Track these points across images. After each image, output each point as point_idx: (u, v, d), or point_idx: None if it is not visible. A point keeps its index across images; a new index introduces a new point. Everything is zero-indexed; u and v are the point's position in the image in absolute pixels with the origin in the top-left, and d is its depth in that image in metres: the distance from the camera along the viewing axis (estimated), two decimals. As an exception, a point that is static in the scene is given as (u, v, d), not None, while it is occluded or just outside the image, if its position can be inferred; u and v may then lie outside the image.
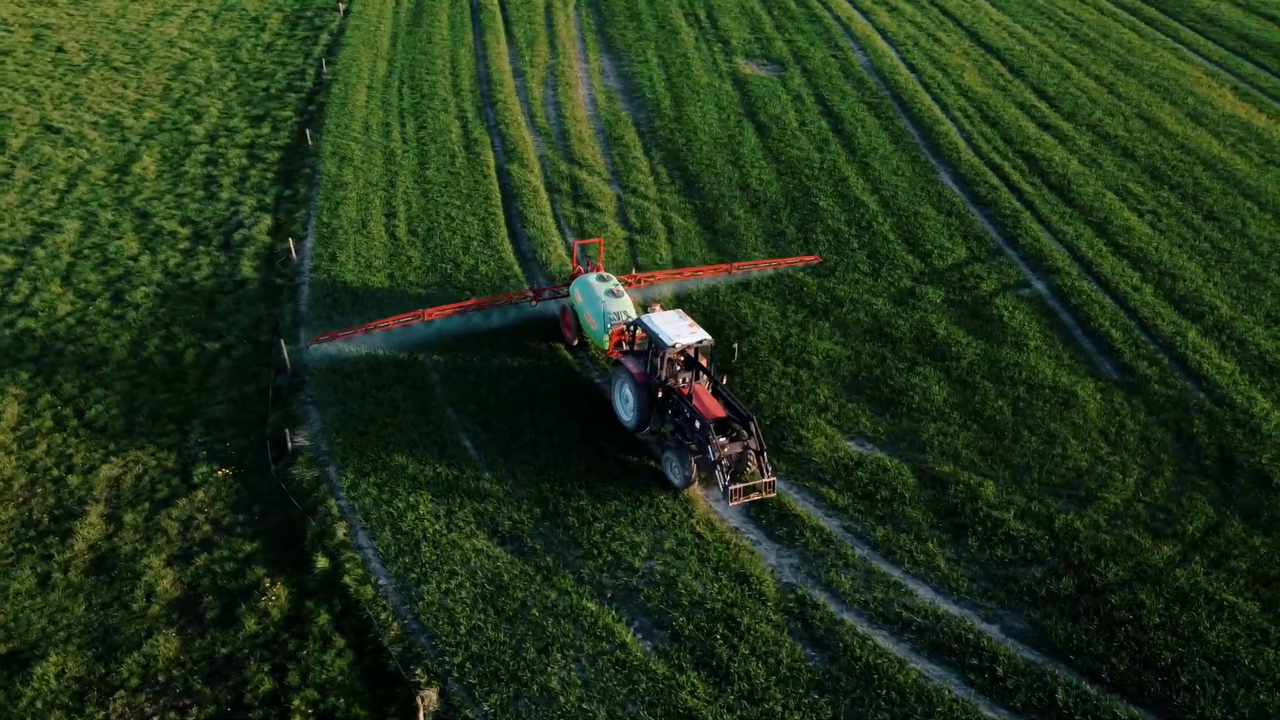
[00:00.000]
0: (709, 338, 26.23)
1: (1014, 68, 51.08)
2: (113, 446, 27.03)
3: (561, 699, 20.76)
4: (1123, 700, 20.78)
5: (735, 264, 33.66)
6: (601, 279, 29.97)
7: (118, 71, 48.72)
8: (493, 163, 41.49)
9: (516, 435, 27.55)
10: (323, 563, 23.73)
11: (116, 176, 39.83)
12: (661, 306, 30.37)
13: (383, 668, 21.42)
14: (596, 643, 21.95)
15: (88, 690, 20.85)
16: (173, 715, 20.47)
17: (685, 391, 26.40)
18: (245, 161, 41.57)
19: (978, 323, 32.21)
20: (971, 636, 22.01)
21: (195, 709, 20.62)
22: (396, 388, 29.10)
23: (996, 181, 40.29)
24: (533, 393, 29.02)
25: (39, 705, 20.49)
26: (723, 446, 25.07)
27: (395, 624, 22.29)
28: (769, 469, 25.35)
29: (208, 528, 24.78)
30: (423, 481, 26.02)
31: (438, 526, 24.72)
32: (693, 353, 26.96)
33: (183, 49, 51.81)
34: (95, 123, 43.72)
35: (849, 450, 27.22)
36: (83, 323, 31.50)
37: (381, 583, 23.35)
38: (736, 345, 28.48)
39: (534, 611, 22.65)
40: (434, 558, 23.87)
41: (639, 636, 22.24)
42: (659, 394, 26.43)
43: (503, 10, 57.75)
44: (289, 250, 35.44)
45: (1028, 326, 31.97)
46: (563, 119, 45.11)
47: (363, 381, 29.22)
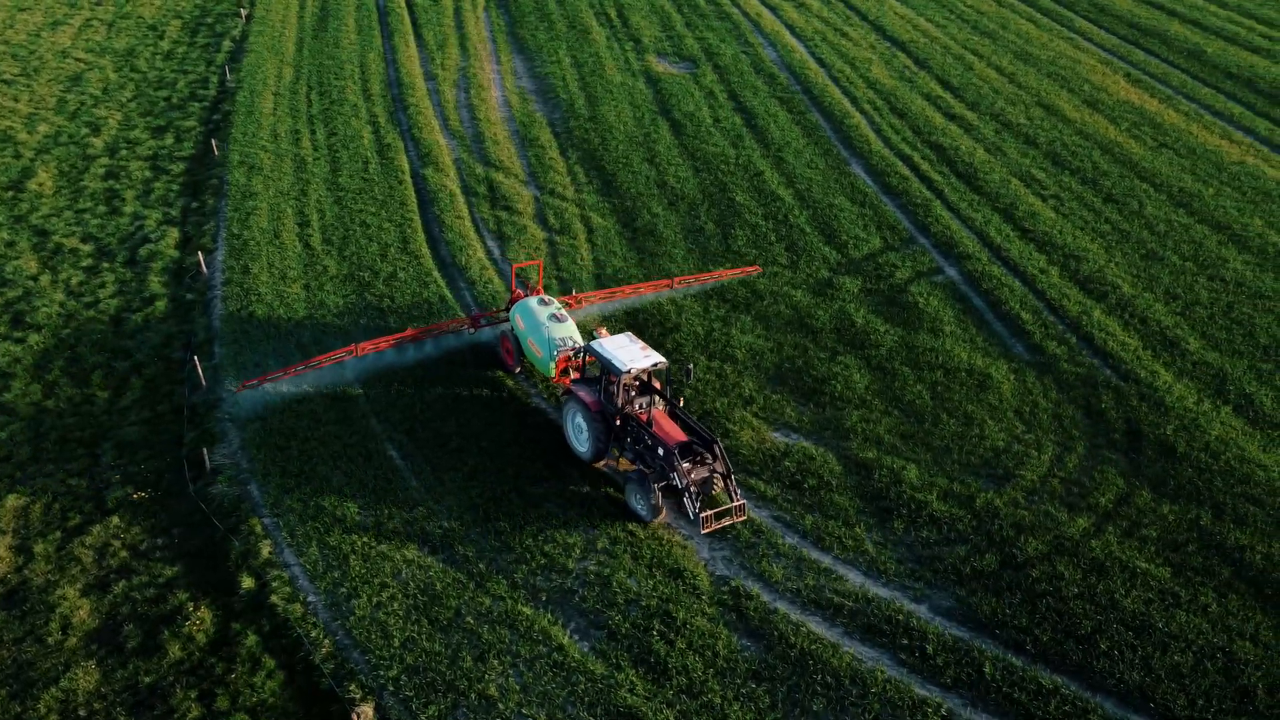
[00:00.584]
0: (664, 360, 25.37)
1: (919, 60, 52.30)
2: (19, 475, 25.97)
3: (501, 705, 20.64)
4: (1046, 669, 21.48)
5: (676, 279, 32.96)
6: (543, 303, 28.83)
7: (7, 85, 46.75)
8: (407, 167, 40.95)
9: (443, 442, 27.26)
10: (248, 583, 23.17)
11: (11, 194, 38.24)
12: (608, 330, 29.46)
13: (315, 686, 21.00)
14: (533, 646, 21.87)
15: (3, 730, 20.02)
16: (96, 749, 19.78)
17: (644, 418, 25.29)
18: (148, 174, 40.30)
19: (894, 310, 32.93)
20: (901, 617, 22.51)
21: (120, 741, 19.95)
22: (317, 400, 28.53)
23: (907, 171, 41.22)
24: (457, 398, 28.75)
25: (-49, 749, 19.61)
26: (689, 472, 24.20)
27: (326, 641, 21.88)
28: (738, 492, 24.72)
29: (125, 554, 23.97)
30: (349, 494, 25.58)
31: (366, 539, 24.33)
32: (647, 377, 26.00)
33: (77, 59, 49.95)
34: (-15, 138, 41.91)
35: (775, 441, 27.58)
36: (-19, 347, 30.19)
37: (310, 600, 22.89)
38: (692, 366, 27.54)
39: (469, 619, 22.45)
40: (364, 571, 23.49)
41: (576, 637, 22.22)
42: (617, 422, 25.42)
43: (411, 13, 57.01)
44: (198, 264, 34.47)
45: (942, 312, 32.79)
46: (477, 121, 44.75)
47: (281, 395, 28.58)
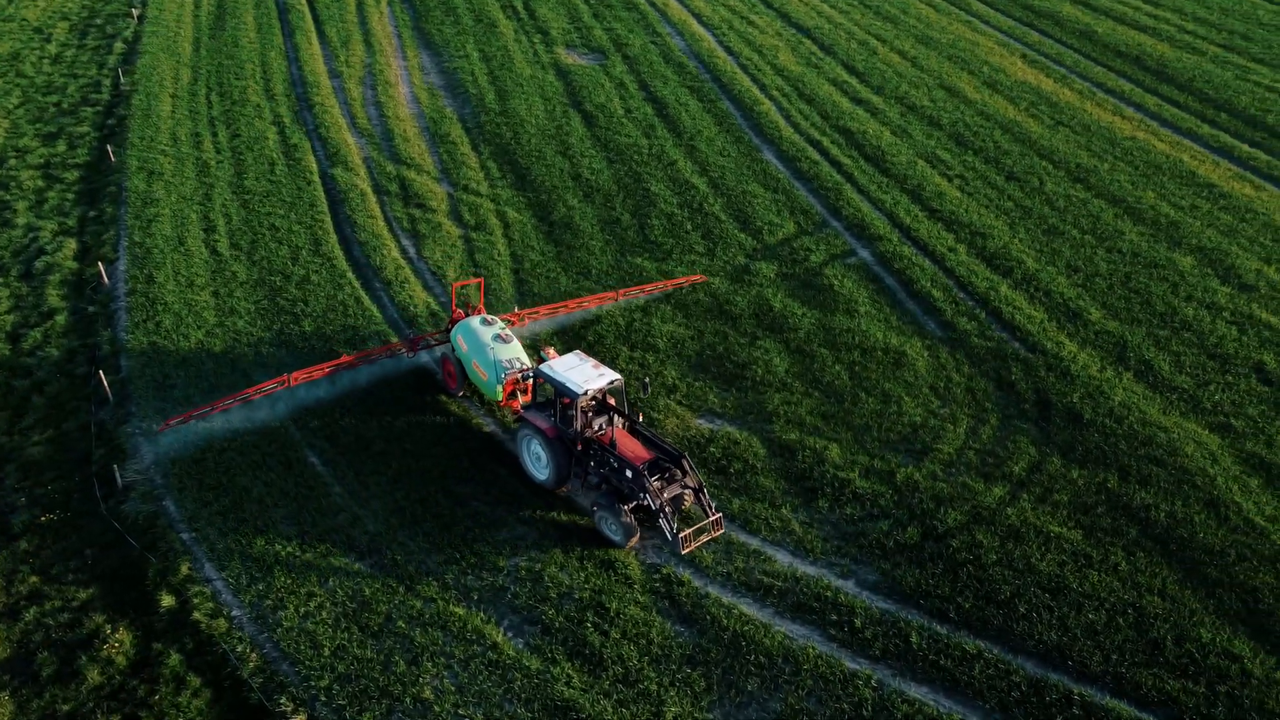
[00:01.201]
0: (619, 377, 24.50)
1: (824, 46, 53.12)
2: (-85, 503, 24.80)
3: (436, 708, 20.48)
4: (970, 635, 22.16)
5: (621, 290, 32.11)
6: (486, 322, 27.71)
7: (-119, 93, 44.39)
8: (315, 168, 40.11)
9: (365, 446, 26.86)
10: (168, 601, 22.52)
11: (-109, 208, 36.36)
12: (556, 349, 28.55)
13: (245, 701, 20.55)
14: (467, 646, 21.74)
15: (-88, 770, 19.15)
16: (14, 783, 19.07)
17: (606, 439, 24.43)
18: (41, 183, 38.70)
19: (810, 293, 33.48)
20: (829, 594, 22.98)
21: (39, 773, 19.25)
22: (233, 411, 27.81)
23: (817, 156, 41.88)
24: (378, 400, 28.33)
25: None
26: (661, 491, 23.45)
27: (254, 655, 21.42)
28: (712, 505, 24.05)
29: (35, 579, 23.08)
30: (270, 504, 25.03)
31: (291, 548, 23.86)
32: (603, 395, 25.15)
33: (-44, 65, 47.64)
34: None
35: (700, 427, 27.84)
36: None
37: (235, 614, 22.37)
38: (648, 380, 26.94)
39: (400, 623, 22.21)
40: (289, 581, 23.04)
41: (510, 635, 22.16)
42: (578, 447, 24.54)
43: (312, 10, 55.73)
44: (99, 275, 33.26)
45: (857, 293, 33.45)
46: (385, 119, 44.03)
47: (194, 406, 27.79)
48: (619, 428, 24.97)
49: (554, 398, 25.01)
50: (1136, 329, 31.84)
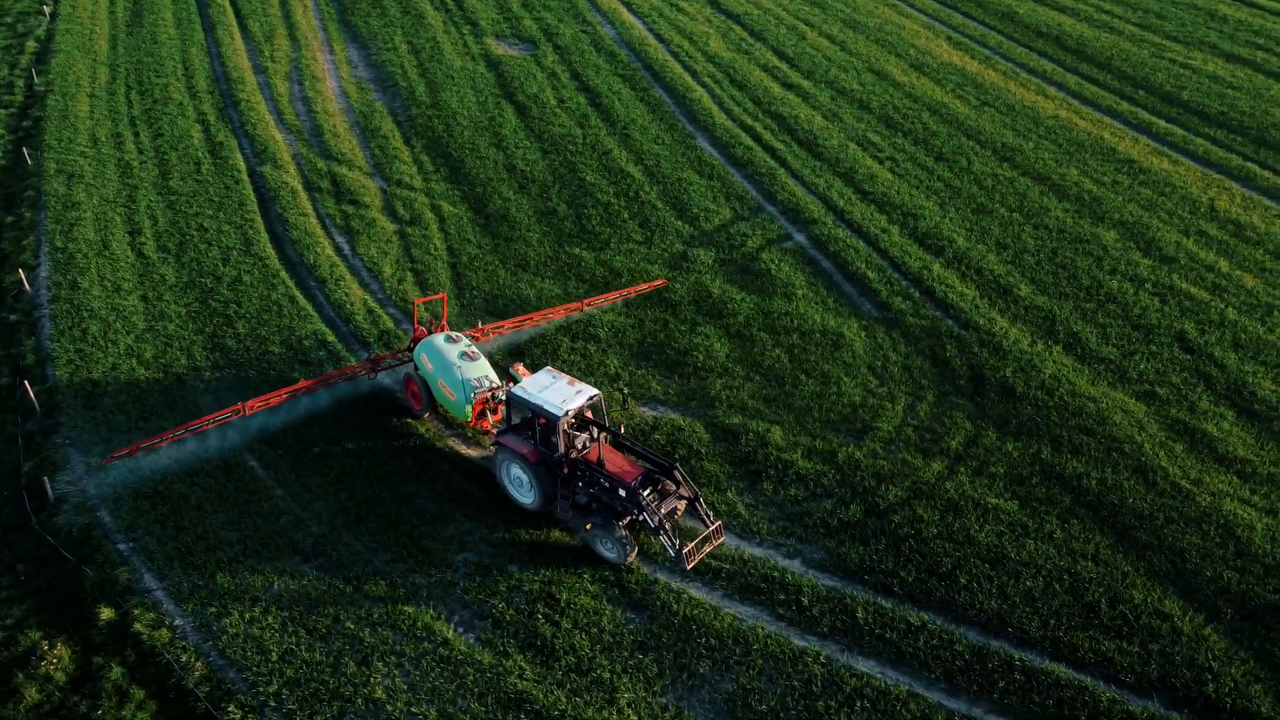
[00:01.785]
0: (597, 392, 23.80)
1: (754, 32, 53.42)
2: None
3: (389, 707, 20.37)
4: (914, 608, 22.67)
5: (586, 300, 31.37)
6: (450, 340, 26.60)
7: None
8: (243, 166, 39.29)
9: (306, 448, 26.49)
10: (107, 613, 22.03)
11: None
12: (524, 366, 27.39)
13: (192, 712, 20.22)
14: (418, 644, 21.64)
15: None
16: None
17: (593, 457, 23.52)
18: (-47, 189, 37.33)
19: (748, 278, 33.78)
20: (776, 574, 23.30)
21: (-22, 796, 18.75)
22: (166, 415, 27.24)
23: (750, 142, 42.18)
24: (315, 400, 27.93)
25: None
26: (658, 508, 22.81)
27: (199, 664, 21.07)
28: (710, 514, 23.50)
29: (-35, 597, 22.41)
30: (210, 510, 24.58)
31: (233, 554, 23.48)
32: (583, 412, 24.18)
33: None
34: None
35: (644, 415, 27.98)
36: None
37: (178, 623, 21.97)
38: (626, 390, 26.64)
39: (349, 624, 22.01)
40: (233, 587, 22.68)
41: (460, 630, 22.10)
42: (564, 469, 23.67)
43: (233, 4, 54.42)
44: (20, 282, 32.23)
45: (793, 277, 33.83)
46: (314, 114, 43.28)
47: (127, 415, 27.16)
48: (603, 443, 24.05)
49: (531, 419, 23.92)
50: (1064, 303, 32.71)
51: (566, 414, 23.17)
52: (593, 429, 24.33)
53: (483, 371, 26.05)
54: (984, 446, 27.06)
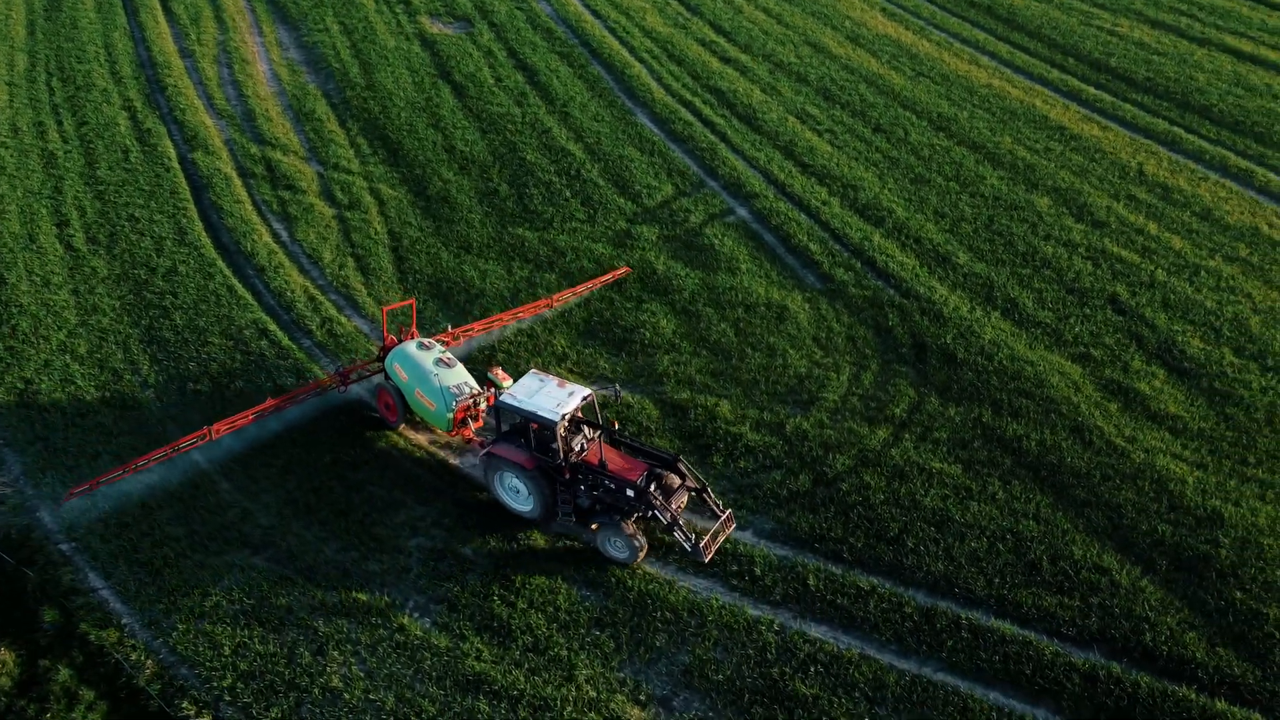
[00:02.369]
0: (589, 390, 23.20)
1: (690, 6, 53.28)
2: None
3: (347, 695, 20.31)
4: (863, 573, 23.13)
5: (554, 296, 30.64)
6: (423, 347, 25.74)
7: None
8: (173, 153, 38.34)
9: (251, 439, 26.08)
10: (51, 615, 21.61)
11: None
12: (502, 369, 26.55)
13: (145, 710, 19.97)
14: (373, 631, 21.58)
15: None
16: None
17: (594, 459, 22.86)
18: None
19: (692, 254, 33.91)
20: (728, 545, 23.60)
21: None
22: (105, 412, 26.68)
23: (690, 117, 42.19)
24: (259, 391, 27.54)
25: None
26: (669, 504, 22.44)
27: (150, 661, 20.80)
28: (719, 504, 23.41)
29: (-99, 605, 21.81)
30: (154, 505, 24.17)
31: (180, 549, 23.15)
32: (577, 413, 23.54)
33: None
34: None
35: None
36: None
37: (126, 622, 21.64)
38: (617, 385, 26.26)
39: (302, 614, 21.86)
40: (181, 583, 22.38)
41: (416, 615, 22.07)
42: (565, 474, 22.94)
43: (155, -15, 52.82)
44: (-56, 279, 31.23)
45: (737, 251, 34.04)
46: (245, 98, 42.32)
47: (63, 413, 26.53)
48: (600, 441, 23.37)
49: (523, 426, 23.19)
50: (1001, 269, 33.37)
51: (563, 419, 22.39)
52: (588, 429, 23.67)
53: (461, 378, 25.29)
54: (927, 413, 27.59)
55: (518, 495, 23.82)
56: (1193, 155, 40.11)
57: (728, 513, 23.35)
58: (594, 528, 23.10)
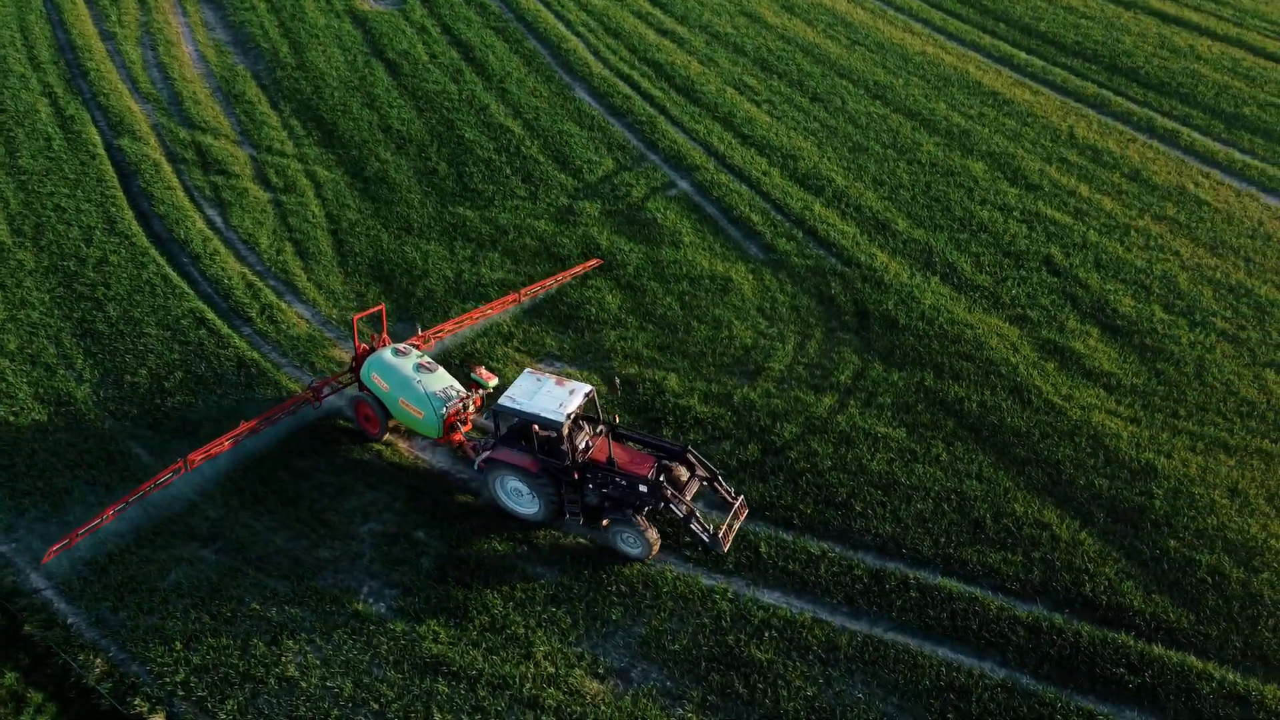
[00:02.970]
0: (590, 387, 22.60)
1: (625, -22, 52.86)
2: None
3: (303, 683, 20.20)
4: (814, 538, 23.53)
5: (523, 290, 29.84)
6: (399, 353, 24.85)
7: None
8: (99, 140, 37.23)
9: (192, 430, 25.66)
10: (-6, 618, 21.14)
11: None
12: (485, 369, 25.94)
13: (96, 710, 19.67)
14: (328, 618, 21.46)
15: None
16: None
17: (602, 457, 22.40)
18: None
19: (635, 228, 33.90)
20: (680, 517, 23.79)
21: None
22: (37, 408, 26.01)
23: (629, 91, 42.02)
24: (200, 378, 27.07)
25: None
26: (684, 496, 22.16)
27: (99, 660, 20.46)
28: (731, 490, 23.28)
29: None
30: (94, 502, 23.67)
31: (124, 545, 22.72)
32: (580, 412, 23.00)
33: None
34: None
35: (540, 371, 27.94)
36: None
37: (72, 621, 21.25)
38: (617, 376, 25.85)
39: (254, 605, 21.65)
40: (127, 579, 22.00)
41: (370, 600, 21.99)
42: (573, 475, 22.41)
43: (71, -35, 50.97)
44: None
45: (680, 224, 34.11)
46: (171, 81, 41.17)
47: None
48: (603, 438, 22.92)
49: (523, 428, 22.70)
50: (939, 234, 33.89)
51: (568, 419, 21.82)
52: (585, 422, 23.24)
53: (446, 382, 24.53)
54: (871, 379, 28.03)
55: (521, 498, 23.27)
56: (1121, 117, 41.01)
57: (740, 500, 23.11)
58: (605, 525, 22.79)
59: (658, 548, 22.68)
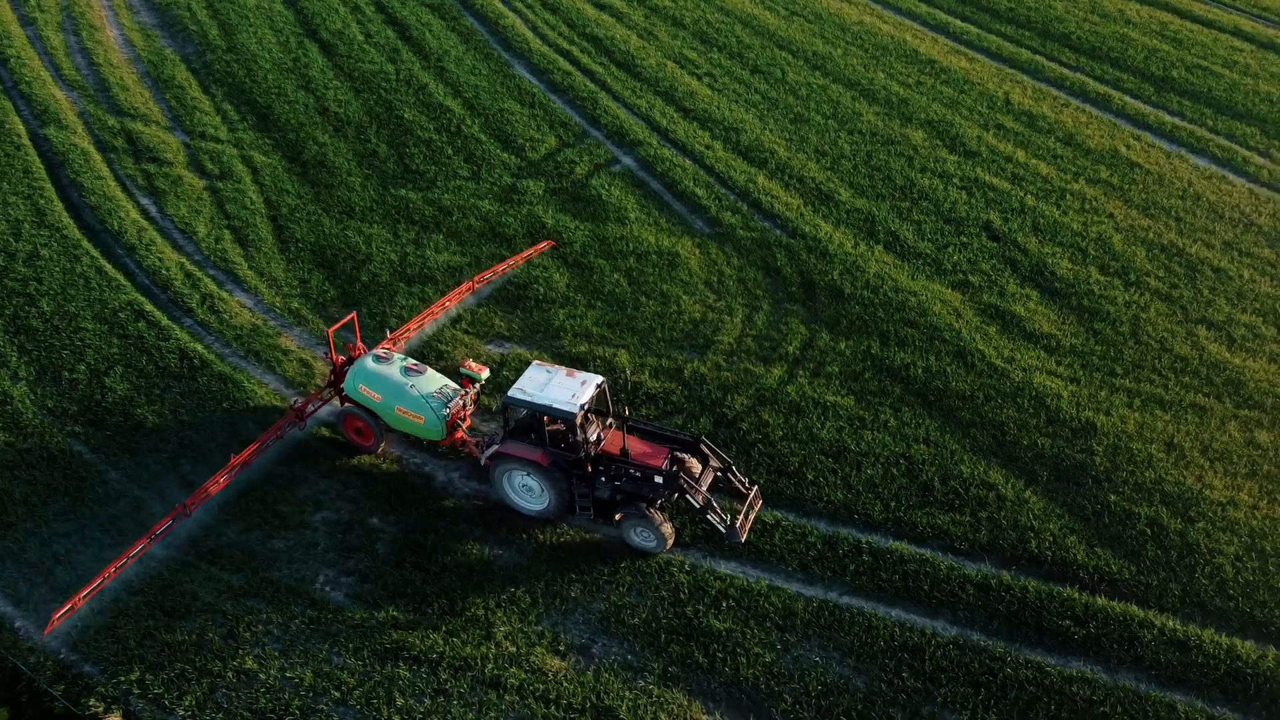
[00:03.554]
0: (601, 378, 22.28)
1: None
2: None
3: (263, 675, 20.07)
4: (768, 508, 23.84)
5: (476, 278, 29.23)
6: (381, 360, 24.13)
7: None
8: (23, 130, 36.07)
9: (136, 425, 25.20)
10: (-63, 625, 20.66)
11: None
12: (474, 362, 25.33)
13: (50, 712, 19.37)
14: (284, 609, 21.30)
15: None
16: None
17: (615, 449, 22.03)
18: None
19: (580, 205, 33.80)
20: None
21: None
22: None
23: (569, 67, 41.72)
24: (141, 372, 26.54)
25: None
26: (700, 487, 21.90)
27: (50, 662, 20.11)
28: (745, 481, 22.99)
29: None
30: (37, 502, 23.18)
31: (70, 545, 22.31)
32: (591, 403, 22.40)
33: None
34: None
35: (490, 353, 27.90)
36: None
37: (19, 624, 20.85)
38: (628, 371, 25.74)
39: (208, 599, 21.41)
40: (74, 580, 21.60)
41: (327, 589, 21.87)
42: (587, 468, 22.02)
43: (-16, -52, 49.08)
44: None
45: (625, 200, 34.07)
46: (97, 67, 39.97)
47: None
48: (614, 430, 22.60)
49: (533, 421, 22.20)
50: (881, 203, 34.29)
51: (581, 410, 21.42)
52: (601, 418, 22.89)
53: (439, 382, 23.97)
54: (819, 348, 28.38)
55: (530, 494, 22.92)
56: (1054, 83, 41.71)
57: (754, 489, 22.89)
58: (618, 519, 22.59)
59: (672, 541, 22.42)
